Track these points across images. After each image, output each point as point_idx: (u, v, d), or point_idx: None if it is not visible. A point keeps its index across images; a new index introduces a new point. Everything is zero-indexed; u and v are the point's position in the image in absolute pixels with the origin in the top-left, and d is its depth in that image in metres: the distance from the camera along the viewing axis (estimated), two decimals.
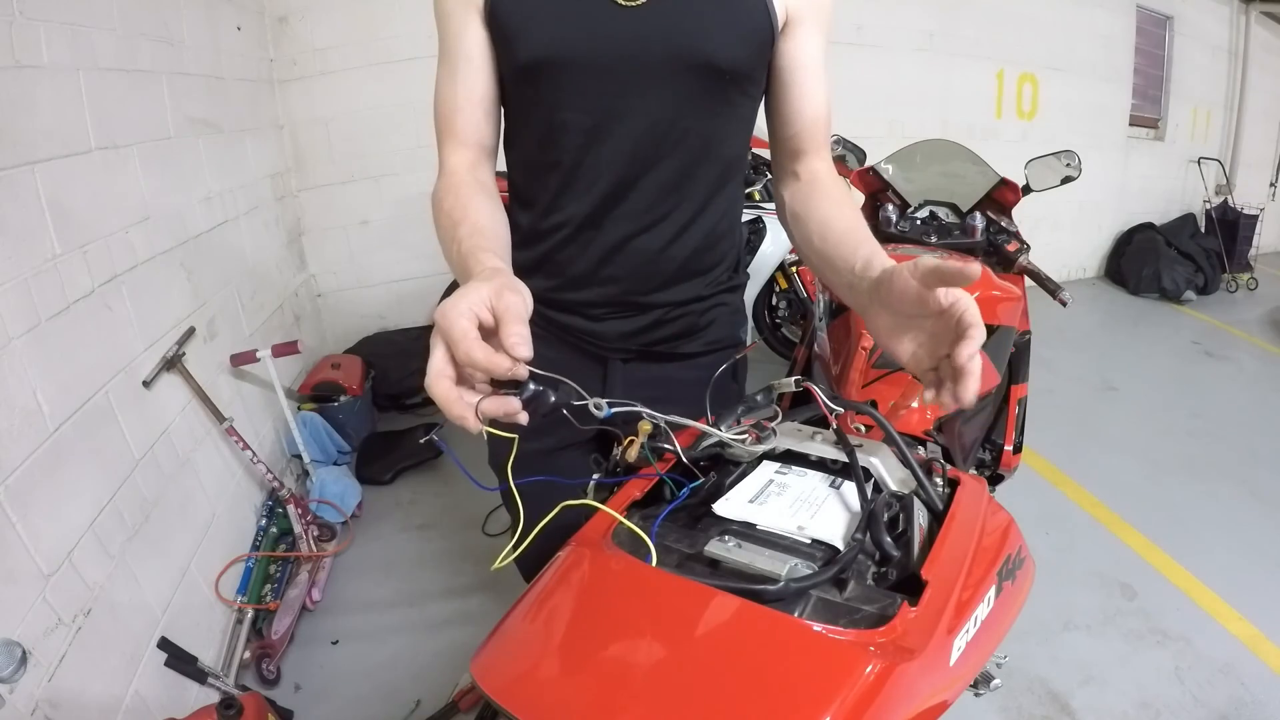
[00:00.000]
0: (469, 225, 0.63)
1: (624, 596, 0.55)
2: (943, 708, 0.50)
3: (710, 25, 0.67)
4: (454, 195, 0.68)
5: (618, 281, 0.76)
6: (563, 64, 0.67)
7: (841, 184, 0.75)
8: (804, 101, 0.74)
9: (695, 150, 0.72)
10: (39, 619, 1.01)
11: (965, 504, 0.63)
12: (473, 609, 1.69)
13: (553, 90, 0.69)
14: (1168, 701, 1.42)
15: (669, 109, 0.69)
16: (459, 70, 0.71)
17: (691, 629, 0.50)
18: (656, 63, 0.67)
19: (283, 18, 2.56)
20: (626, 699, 0.46)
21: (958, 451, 1.15)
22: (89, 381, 1.25)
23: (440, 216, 0.67)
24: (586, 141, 0.70)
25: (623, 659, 0.50)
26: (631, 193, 0.72)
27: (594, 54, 0.67)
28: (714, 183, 0.75)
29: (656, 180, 0.72)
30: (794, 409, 0.79)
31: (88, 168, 1.34)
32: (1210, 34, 4.87)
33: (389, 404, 2.70)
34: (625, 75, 0.67)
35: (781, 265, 2.74)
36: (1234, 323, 3.98)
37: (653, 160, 0.71)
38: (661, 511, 0.62)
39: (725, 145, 0.74)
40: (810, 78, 0.73)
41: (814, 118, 0.74)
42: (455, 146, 0.72)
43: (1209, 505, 2.12)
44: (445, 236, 0.65)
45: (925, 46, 3.71)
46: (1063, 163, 1.61)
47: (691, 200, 0.74)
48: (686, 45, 0.67)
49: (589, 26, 0.66)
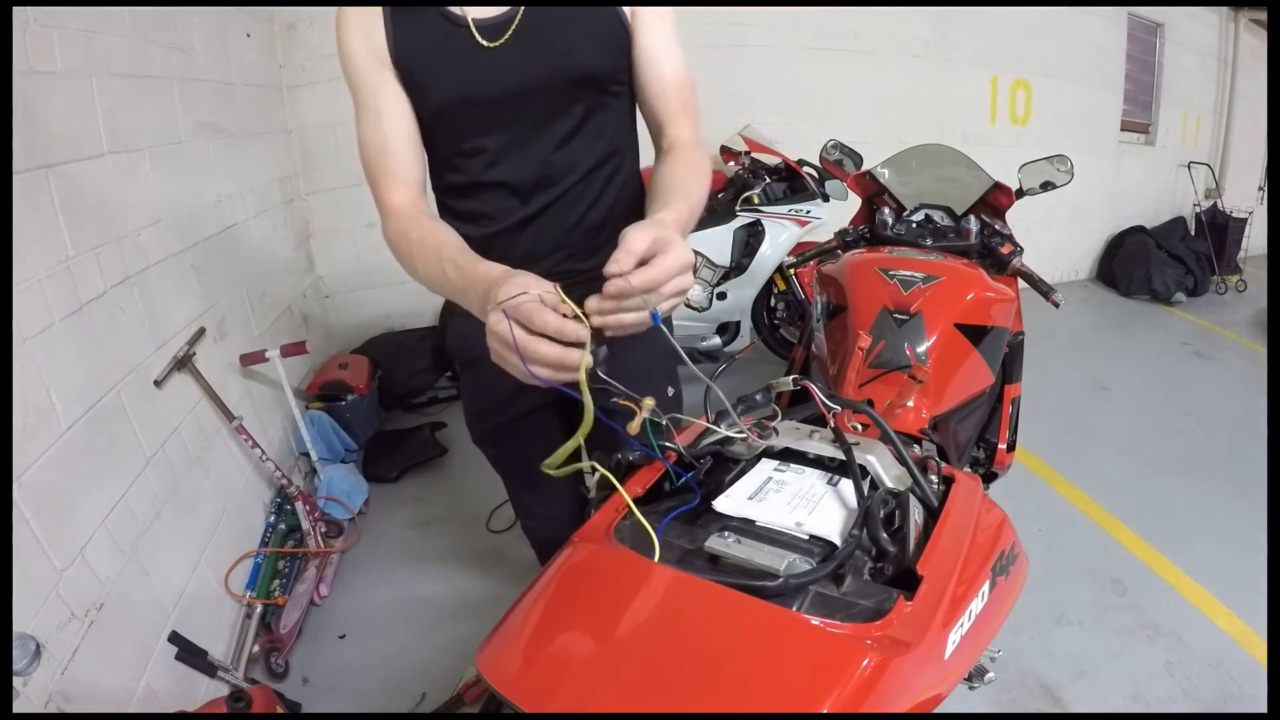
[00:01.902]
0: (450, 246, 0.72)
1: (627, 591, 0.56)
2: (938, 700, 0.51)
3: (576, 42, 0.79)
4: (417, 227, 0.77)
5: (554, 255, 0.87)
6: (462, 103, 0.79)
7: (696, 152, 0.82)
8: (654, 79, 0.83)
9: (593, 145, 0.84)
10: (52, 613, 1.02)
11: (960, 501, 0.64)
12: (477, 603, 1.71)
13: (462, 124, 0.80)
14: (1158, 695, 1.44)
15: (565, 115, 0.81)
16: (384, 118, 0.80)
17: (693, 623, 0.51)
18: (535, 85, 0.78)
19: (291, 24, 2.58)
20: (630, 691, 0.47)
21: (952, 450, 1.18)
22: (101, 381, 1.26)
23: (413, 246, 0.75)
24: (501, 159, 0.82)
25: (626, 652, 0.51)
26: (545, 191, 0.84)
27: (487, 92, 0.78)
28: (613, 167, 0.87)
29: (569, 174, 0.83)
30: (792, 408, 0.81)
31: (100, 171, 1.36)
32: (1200, 41, 4.91)
33: (395, 403, 2.71)
34: (520, 101, 0.79)
35: (780, 268, 2.77)
36: (1223, 324, 4.01)
37: (564, 158, 0.83)
38: (671, 511, 0.63)
39: (616, 134, 0.86)
40: (655, 57, 0.83)
41: (662, 90, 0.84)
42: (393, 185, 0.80)
43: (1199, 502, 2.14)
44: (426, 262, 0.73)
45: (921, 53, 3.73)
46: (1055, 167, 1.64)
47: (594, 184, 0.86)
48: (564, 65, 0.78)
49: (480, 68, 0.77)
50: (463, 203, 0.87)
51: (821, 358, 1.34)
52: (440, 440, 2.44)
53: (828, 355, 1.31)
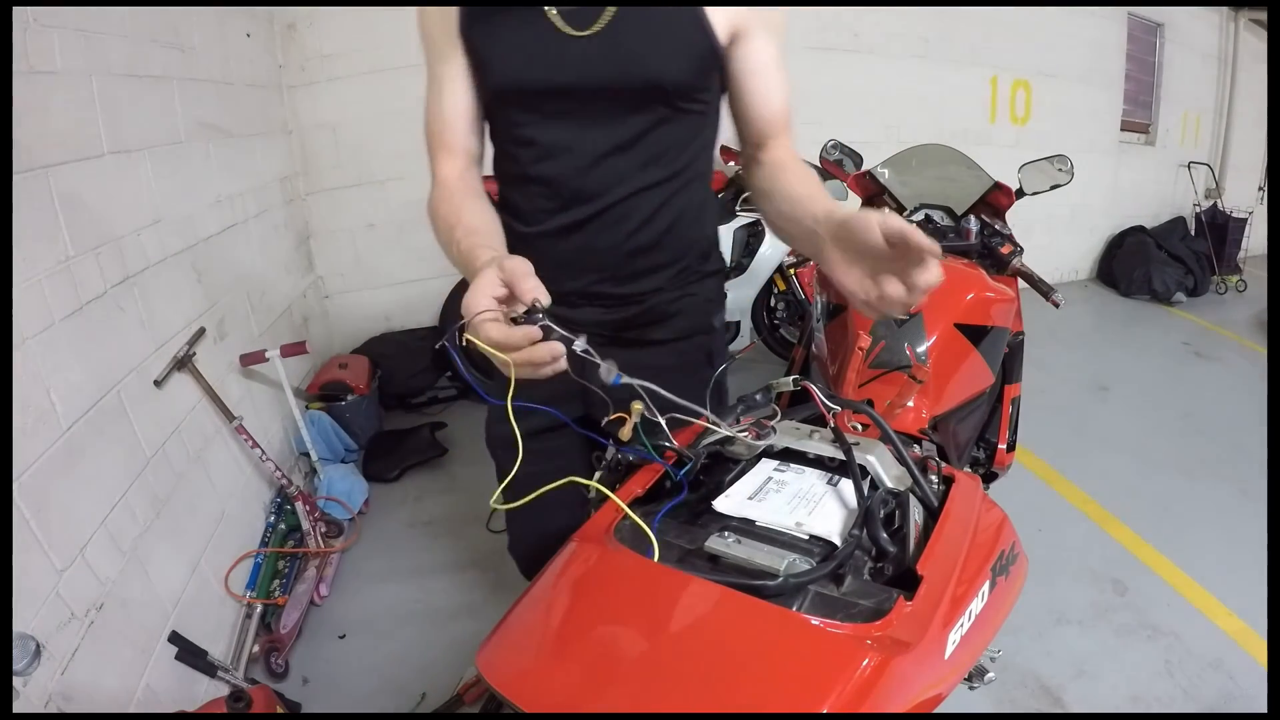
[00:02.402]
0: (464, 227, 0.70)
1: (626, 591, 0.56)
2: (938, 700, 0.51)
3: (654, 48, 0.75)
4: (448, 202, 0.76)
5: (590, 275, 0.84)
6: (525, 90, 0.76)
7: (803, 163, 0.81)
8: (760, 101, 0.81)
9: (654, 158, 0.80)
10: (52, 613, 1.02)
11: (960, 501, 0.64)
12: (477, 603, 1.71)
13: (520, 111, 0.78)
14: (1158, 695, 1.45)
15: (623, 124, 0.77)
16: (444, 91, 0.79)
17: (693, 623, 0.52)
18: (607, 84, 0.75)
19: (291, 24, 2.58)
20: (629, 691, 0.47)
21: (952, 450, 1.18)
22: (101, 380, 1.26)
23: (438, 221, 0.75)
24: (551, 156, 0.79)
25: (625, 652, 0.51)
26: (593, 199, 0.80)
27: (551, 80, 0.75)
28: (675, 185, 0.82)
29: (617, 187, 0.80)
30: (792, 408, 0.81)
31: (100, 171, 1.36)
32: (1200, 41, 4.91)
33: (395, 403, 2.72)
34: (581, 97, 0.76)
35: (779, 267, 2.77)
36: (1223, 324, 4.02)
37: (612, 170, 0.79)
38: (663, 507, 0.63)
39: (679, 151, 0.82)
40: (764, 81, 0.80)
41: (771, 116, 0.82)
42: (444, 157, 0.80)
43: (1198, 502, 2.14)
44: (444, 239, 0.73)
45: (921, 53, 3.74)
46: (1055, 167, 1.63)
47: (649, 201, 0.81)
48: (632, 69, 0.75)
49: (545, 55, 0.74)
50: (511, 194, 0.85)
51: (821, 358, 1.34)
52: (440, 440, 2.44)
53: (828, 355, 1.31)
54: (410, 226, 2.92)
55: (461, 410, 2.75)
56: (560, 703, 0.48)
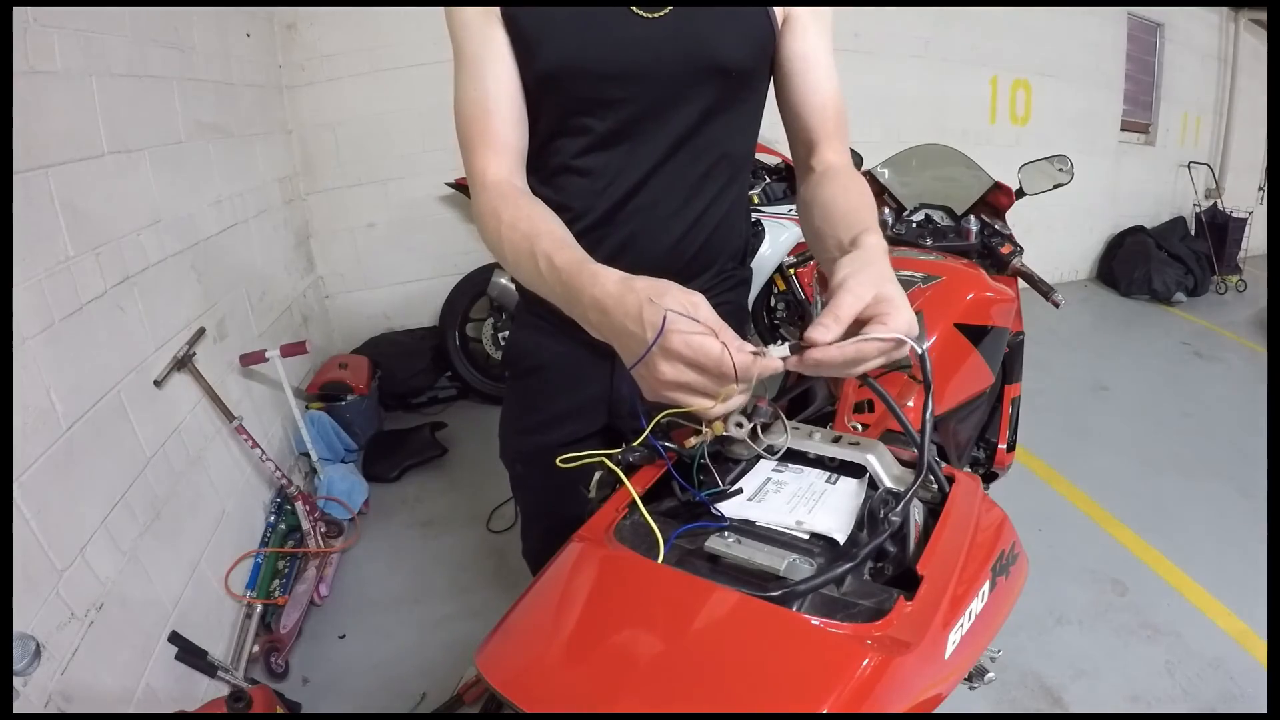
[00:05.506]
0: (548, 236, 0.62)
1: (627, 591, 0.56)
2: (938, 700, 0.51)
3: (719, 31, 0.70)
4: (512, 207, 0.66)
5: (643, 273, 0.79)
6: (583, 72, 0.69)
7: (857, 175, 0.75)
8: (809, 91, 0.76)
9: (707, 150, 0.74)
10: (52, 613, 1.02)
11: (960, 501, 0.64)
12: (477, 603, 1.71)
13: (572, 96, 0.70)
14: (1158, 695, 1.45)
15: (683, 112, 0.71)
16: (486, 75, 0.70)
17: (693, 623, 0.51)
18: (672, 69, 0.69)
19: (291, 24, 2.58)
20: (629, 691, 0.47)
21: (952, 450, 1.18)
22: (101, 381, 1.26)
23: (501, 229, 0.65)
24: (604, 145, 0.72)
25: (626, 652, 0.51)
26: (644, 192, 0.74)
27: (613, 62, 0.69)
28: (724, 180, 0.77)
29: (669, 180, 0.74)
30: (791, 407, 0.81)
31: (100, 171, 1.36)
32: (1200, 41, 4.91)
33: (395, 403, 2.72)
34: (643, 82, 0.69)
35: (780, 267, 2.77)
36: (1223, 324, 4.02)
37: (667, 161, 0.73)
38: (685, 524, 0.62)
39: (733, 143, 0.77)
40: (813, 67, 0.75)
41: (820, 105, 0.76)
42: (490, 155, 0.70)
43: (1199, 502, 2.14)
44: (516, 251, 0.64)
45: (921, 53, 3.74)
46: (1055, 167, 1.64)
47: (701, 197, 0.76)
48: (699, 52, 0.69)
49: (609, 36, 0.68)
50: (541, 189, 0.76)
51: None
52: (440, 440, 2.44)
53: None
54: (410, 226, 2.92)
55: (461, 410, 2.75)
56: (560, 703, 0.48)
